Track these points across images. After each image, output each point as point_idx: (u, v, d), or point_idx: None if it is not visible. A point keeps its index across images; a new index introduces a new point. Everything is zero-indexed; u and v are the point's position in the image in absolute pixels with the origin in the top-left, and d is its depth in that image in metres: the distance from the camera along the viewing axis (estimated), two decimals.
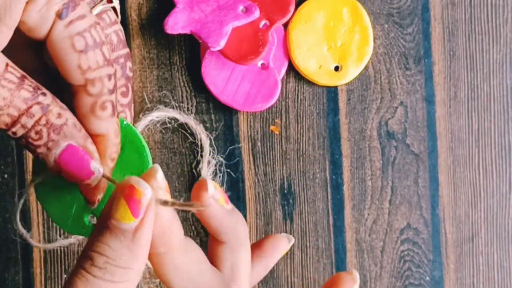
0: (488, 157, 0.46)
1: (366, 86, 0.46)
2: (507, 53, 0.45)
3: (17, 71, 0.26)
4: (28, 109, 0.26)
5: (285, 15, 0.44)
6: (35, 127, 0.26)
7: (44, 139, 0.26)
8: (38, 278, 0.46)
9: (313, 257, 0.46)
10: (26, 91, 0.26)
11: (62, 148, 0.26)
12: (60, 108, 0.27)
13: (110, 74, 0.27)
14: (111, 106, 0.27)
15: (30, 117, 0.26)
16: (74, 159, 0.27)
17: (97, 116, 0.27)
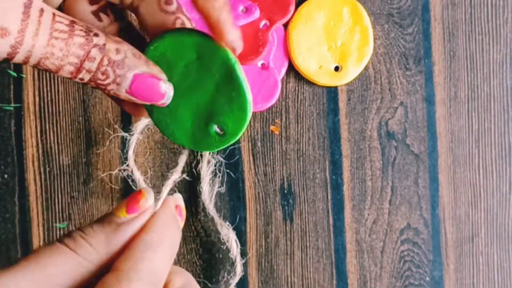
0: (488, 157, 0.46)
1: (366, 86, 0.46)
2: (507, 54, 0.45)
3: (65, 18, 0.26)
4: (88, 53, 0.26)
5: (285, 15, 0.44)
6: (100, 69, 0.27)
7: (111, 77, 0.27)
8: None
9: (313, 257, 0.46)
10: (79, 37, 0.26)
11: (130, 80, 0.27)
12: (116, 43, 0.27)
13: None
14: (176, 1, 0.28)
15: (92, 61, 0.26)
16: (144, 86, 0.28)
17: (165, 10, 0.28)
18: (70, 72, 0.26)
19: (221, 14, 0.28)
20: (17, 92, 0.46)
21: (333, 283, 0.46)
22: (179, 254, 0.46)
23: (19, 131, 0.46)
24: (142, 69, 0.27)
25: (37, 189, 0.46)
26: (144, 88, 0.28)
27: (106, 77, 0.27)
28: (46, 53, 0.25)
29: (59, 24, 0.26)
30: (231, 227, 0.45)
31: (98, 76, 0.27)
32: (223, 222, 0.45)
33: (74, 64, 0.26)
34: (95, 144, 0.46)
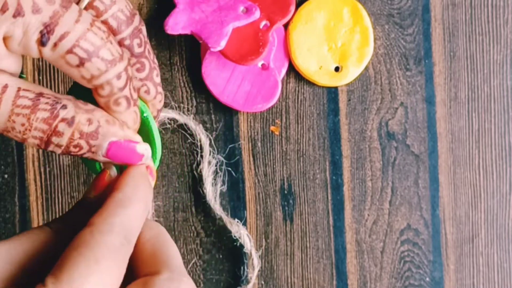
0: (489, 158, 0.46)
1: (367, 86, 0.46)
2: (508, 54, 0.45)
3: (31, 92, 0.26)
4: (55, 129, 0.26)
5: (286, 15, 0.44)
6: (71, 143, 0.26)
7: (85, 148, 0.27)
8: None
9: (313, 257, 0.46)
10: (43, 111, 0.25)
11: (106, 148, 0.27)
12: (87, 113, 0.27)
13: (118, 72, 0.27)
14: (125, 100, 0.27)
15: (61, 136, 0.26)
16: (121, 151, 0.28)
17: (113, 111, 0.27)
18: (37, 145, 0.26)
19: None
20: None
21: (333, 284, 0.46)
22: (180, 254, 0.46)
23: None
24: (117, 136, 0.27)
25: (37, 189, 0.46)
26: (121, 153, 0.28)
27: (79, 149, 0.27)
28: (7, 127, 0.25)
29: (23, 100, 0.25)
30: (240, 223, 0.45)
31: (71, 149, 0.27)
32: (232, 220, 0.45)
33: (38, 137, 0.26)
34: None
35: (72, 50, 0.26)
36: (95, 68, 0.26)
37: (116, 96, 0.27)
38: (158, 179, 0.46)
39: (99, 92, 0.27)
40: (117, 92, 0.27)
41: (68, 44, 0.26)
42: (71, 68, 0.26)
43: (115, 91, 0.27)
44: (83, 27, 0.26)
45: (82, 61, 0.26)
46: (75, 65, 0.26)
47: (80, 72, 0.26)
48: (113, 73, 0.27)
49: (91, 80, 0.26)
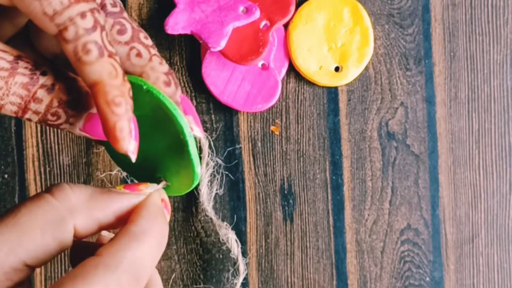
0: (489, 158, 0.46)
1: (367, 86, 0.46)
2: (508, 54, 0.45)
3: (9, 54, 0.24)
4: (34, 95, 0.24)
5: (286, 15, 0.44)
6: (49, 111, 0.25)
7: (63, 118, 0.25)
8: (38, 278, 0.46)
9: (313, 257, 0.46)
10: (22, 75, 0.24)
11: (84, 119, 0.26)
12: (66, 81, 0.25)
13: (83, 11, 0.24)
14: (96, 46, 0.25)
15: (39, 102, 0.25)
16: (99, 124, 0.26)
17: (83, 61, 0.25)
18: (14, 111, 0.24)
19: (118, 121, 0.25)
20: None
21: (333, 284, 0.46)
22: (179, 254, 0.46)
23: (19, 131, 0.46)
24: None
25: (37, 189, 0.46)
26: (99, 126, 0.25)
27: (57, 118, 0.25)
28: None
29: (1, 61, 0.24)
30: (229, 227, 0.45)
31: (48, 117, 0.25)
32: (221, 223, 0.45)
33: (16, 104, 0.24)
34: (95, 144, 0.46)
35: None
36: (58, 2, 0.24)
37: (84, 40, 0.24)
38: None
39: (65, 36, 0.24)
40: (83, 34, 0.24)
41: None
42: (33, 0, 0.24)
43: (81, 32, 0.24)
44: None
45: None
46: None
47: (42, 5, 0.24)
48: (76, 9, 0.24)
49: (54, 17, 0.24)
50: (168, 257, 0.46)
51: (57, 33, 0.24)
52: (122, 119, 0.25)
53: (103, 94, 0.25)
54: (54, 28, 0.24)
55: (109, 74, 0.25)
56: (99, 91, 0.25)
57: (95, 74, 0.25)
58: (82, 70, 0.25)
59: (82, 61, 0.24)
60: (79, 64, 0.25)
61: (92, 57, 0.24)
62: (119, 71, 0.25)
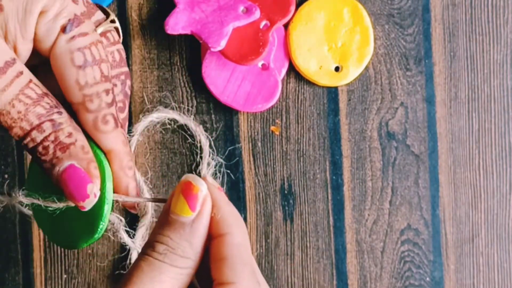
0: (489, 158, 0.46)
1: (367, 86, 0.46)
2: (508, 54, 0.45)
3: (39, 88, 0.27)
4: (40, 124, 0.27)
5: (286, 15, 0.44)
6: (43, 143, 0.27)
7: (50, 155, 0.27)
8: (38, 278, 0.46)
9: (313, 257, 0.46)
10: (42, 108, 0.27)
11: (65, 167, 0.27)
12: (73, 129, 0.28)
13: (107, 89, 0.28)
14: (113, 118, 0.29)
15: (41, 132, 0.27)
16: (75, 179, 0.27)
17: (101, 131, 0.28)
18: (17, 135, 0.27)
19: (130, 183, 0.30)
20: None
21: (333, 284, 0.46)
22: None
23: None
24: (81, 164, 0.28)
25: None
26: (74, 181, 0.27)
27: (45, 153, 0.27)
28: (3, 110, 0.26)
29: (30, 91, 0.27)
30: None
31: (39, 149, 0.27)
32: None
33: (24, 129, 0.27)
34: None
35: (83, 49, 0.27)
36: (91, 76, 0.28)
37: (104, 112, 0.28)
38: (159, 179, 0.46)
39: (88, 106, 0.28)
40: (105, 107, 0.28)
41: (82, 42, 0.28)
42: (72, 68, 0.27)
43: (103, 105, 0.28)
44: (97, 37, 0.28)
45: (86, 64, 0.27)
46: (77, 65, 0.27)
47: (78, 74, 0.27)
48: (104, 87, 0.28)
49: (84, 87, 0.28)
50: None
51: (81, 101, 0.28)
52: (133, 180, 0.29)
53: (118, 160, 0.29)
54: (80, 96, 0.28)
55: (123, 142, 0.29)
56: (115, 158, 0.29)
57: (111, 143, 0.29)
58: (99, 137, 0.29)
59: (101, 130, 0.28)
60: (97, 133, 0.28)
61: (109, 128, 0.28)
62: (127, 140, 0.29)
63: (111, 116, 0.28)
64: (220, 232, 0.29)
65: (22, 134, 0.27)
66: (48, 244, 0.46)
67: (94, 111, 0.28)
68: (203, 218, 0.28)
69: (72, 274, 0.46)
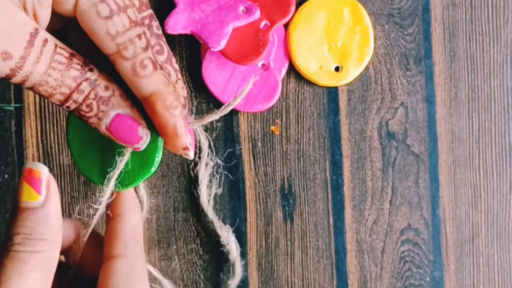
0: (489, 158, 0.46)
1: (367, 86, 0.46)
2: (508, 54, 0.45)
3: (66, 51, 0.27)
4: (78, 86, 0.27)
5: (286, 15, 0.44)
6: (85, 101, 0.28)
7: (95, 111, 0.28)
8: None
9: (313, 257, 0.46)
10: (75, 70, 0.27)
11: (112, 117, 0.28)
12: (107, 81, 0.28)
13: (139, 33, 0.28)
14: (151, 62, 0.29)
15: (80, 93, 0.28)
16: (123, 127, 0.29)
17: (141, 76, 0.28)
18: (59, 100, 0.28)
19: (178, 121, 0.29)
20: (18, 92, 0.46)
21: (334, 284, 0.46)
22: (179, 254, 0.46)
23: (19, 131, 0.46)
24: (125, 110, 0.29)
25: None
26: (123, 129, 0.29)
27: (89, 110, 0.28)
28: (42, 81, 0.27)
29: (59, 56, 0.27)
30: (231, 229, 0.45)
31: (83, 108, 0.28)
32: (222, 225, 0.45)
33: (64, 94, 0.27)
34: None
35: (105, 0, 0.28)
36: (121, 24, 0.28)
37: (141, 57, 0.28)
38: (159, 179, 0.46)
39: (124, 54, 0.28)
40: (140, 52, 0.28)
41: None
42: (99, 20, 0.28)
43: (139, 51, 0.28)
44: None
45: (112, 13, 0.28)
46: (104, 17, 0.28)
47: (107, 25, 0.28)
48: (135, 32, 0.28)
49: (116, 36, 0.28)
50: (168, 257, 0.46)
51: (116, 51, 0.28)
52: (181, 119, 0.29)
53: (162, 101, 0.29)
54: (114, 46, 0.28)
55: (164, 83, 0.29)
56: (158, 99, 0.29)
57: (152, 85, 0.29)
58: (140, 82, 0.29)
59: (140, 75, 0.28)
60: (137, 78, 0.28)
61: (148, 71, 0.28)
62: (170, 79, 0.29)
63: (149, 59, 0.29)
64: (118, 213, 0.31)
65: (63, 98, 0.27)
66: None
67: (130, 58, 0.28)
68: (52, 198, 0.29)
69: None
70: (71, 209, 0.46)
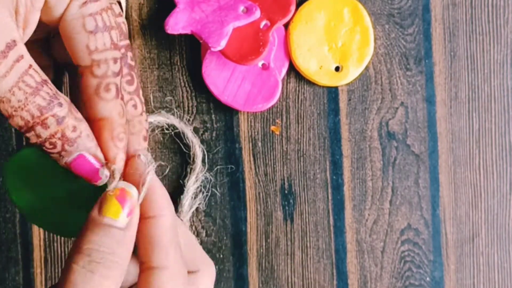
0: (489, 158, 0.46)
1: (367, 86, 0.46)
2: (508, 54, 0.45)
3: (39, 75, 0.26)
4: (44, 120, 0.26)
5: (286, 15, 0.44)
6: (50, 139, 0.27)
7: (58, 149, 0.27)
8: (39, 278, 0.46)
9: (313, 257, 0.46)
10: (42, 99, 0.26)
11: (74, 157, 0.27)
12: (75, 120, 0.27)
13: (116, 57, 0.28)
14: (115, 88, 0.28)
15: (45, 129, 0.26)
16: (84, 166, 0.28)
17: (101, 97, 0.28)
18: (19, 125, 0.26)
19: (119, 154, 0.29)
20: None
21: (334, 283, 0.46)
22: None
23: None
24: (91, 151, 0.28)
25: None
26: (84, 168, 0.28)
27: (53, 147, 0.27)
28: (4, 97, 0.25)
29: (29, 78, 0.26)
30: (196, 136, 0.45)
31: (46, 145, 0.27)
32: None
33: (25, 120, 0.26)
34: None
35: (94, 15, 0.28)
36: (101, 42, 0.28)
37: (108, 80, 0.28)
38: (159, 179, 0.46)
39: (94, 71, 0.28)
40: (110, 75, 0.28)
41: (94, 8, 0.28)
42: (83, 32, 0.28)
43: (109, 73, 0.28)
44: (107, 3, 0.28)
45: (96, 29, 0.28)
46: (88, 31, 0.28)
47: (89, 39, 0.28)
48: (112, 54, 0.28)
49: (93, 52, 0.28)
50: None
51: (88, 65, 0.28)
52: (122, 152, 0.29)
53: (110, 129, 0.28)
54: (88, 61, 0.28)
55: (119, 114, 0.28)
56: (107, 126, 0.28)
57: (107, 111, 0.28)
58: (97, 104, 0.28)
59: (101, 96, 0.28)
60: (96, 98, 0.28)
61: (110, 96, 0.28)
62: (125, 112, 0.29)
63: (114, 85, 0.28)
64: (152, 214, 0.29)
65: (23, 125, 0.26)
66: (48, 244, 0.46)
67: (99, 76, 0.28)
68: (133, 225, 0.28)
69: None
70: None
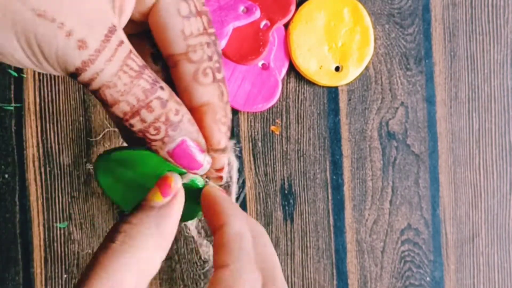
0: (489, 158, 0.46)
1: (367, 86, 0.46)
2: (508, 54, 0.45)
3: (139, 60, 0.26)
4: (149, 103, 0.26)
5: (286, 15, 0.44)
6: (154, 123, 0.26)
7: (162, 134, 0.27)
8: (39, 278, 0.46)
9: (313, 257, 0.46)
10: (146, 82, 0.26)
11: (177, 143, 0.27)
12: (177, 104, 0.27)
13: (209, 42, 0.28)
14: (212, 72, 0.28)
15: (150, 112, 0.26)
16: (186, 153, 0.28)
17: (200, 82, 0.28)
18: (124, 112, 0.26)
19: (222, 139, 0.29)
20: (18, 92, 0.46)
21: (334, 283, 0.46)
22: (180, 254, 0.46)
23: (19, 131, 0.46)
24: (192, 136, 0.27)
25: (38, 189, 0.46)
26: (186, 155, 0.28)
27: (157, 133, 0.27)
28: (111, 82, 0.25)
29: (132, 62, 0.25)
30: (211, 244, 0.45)
31: (150, 130, 0.26)
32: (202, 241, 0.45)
33: (131, 105, 0.26)
34: (95, 144, 0.46)
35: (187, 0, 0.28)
36: (196, 27, 0.28)
37: (206, 64, 0.28)
38: None
39: (191, 56, 0.28)
40: (206, 59, 0.28)
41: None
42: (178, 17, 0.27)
43: (205, 57, 0.28)
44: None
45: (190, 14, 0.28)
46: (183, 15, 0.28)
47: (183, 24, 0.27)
48: (205, 39, 0.28)
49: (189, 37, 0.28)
50: (168, 257, 0.46)
51: (184, 52, 0.28)
52: (225, 137, 0.29)
53: (213, 113, 0.28)
54: (184, 47, 0.28)
55: (218, 97, 0.28)
56: (209, 111, 0.28)
57: (207, 96, 0.28)
58: (196, 89, 0.28)
59: (200, 82, 0.28)
60: (195, 84, 0.28)
61: (208, 80, 0.28)
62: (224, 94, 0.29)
63: (211, 69, 0.28)
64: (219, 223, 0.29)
65: (129, 110, 0.26)
66: (48, 244, 0.46)
67: (196, 61, 0.28)
68: (174, 205, 0.29)
69: (72, 274, 0.46)
70: (71, 209, 0.46)
